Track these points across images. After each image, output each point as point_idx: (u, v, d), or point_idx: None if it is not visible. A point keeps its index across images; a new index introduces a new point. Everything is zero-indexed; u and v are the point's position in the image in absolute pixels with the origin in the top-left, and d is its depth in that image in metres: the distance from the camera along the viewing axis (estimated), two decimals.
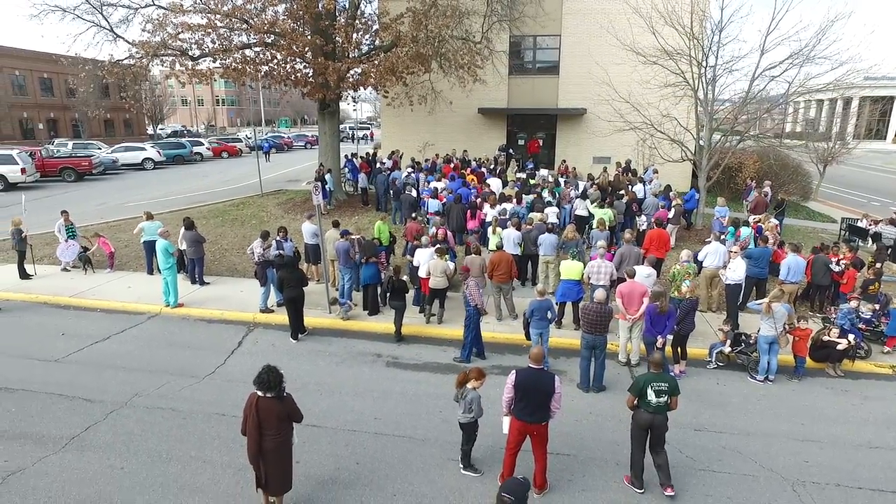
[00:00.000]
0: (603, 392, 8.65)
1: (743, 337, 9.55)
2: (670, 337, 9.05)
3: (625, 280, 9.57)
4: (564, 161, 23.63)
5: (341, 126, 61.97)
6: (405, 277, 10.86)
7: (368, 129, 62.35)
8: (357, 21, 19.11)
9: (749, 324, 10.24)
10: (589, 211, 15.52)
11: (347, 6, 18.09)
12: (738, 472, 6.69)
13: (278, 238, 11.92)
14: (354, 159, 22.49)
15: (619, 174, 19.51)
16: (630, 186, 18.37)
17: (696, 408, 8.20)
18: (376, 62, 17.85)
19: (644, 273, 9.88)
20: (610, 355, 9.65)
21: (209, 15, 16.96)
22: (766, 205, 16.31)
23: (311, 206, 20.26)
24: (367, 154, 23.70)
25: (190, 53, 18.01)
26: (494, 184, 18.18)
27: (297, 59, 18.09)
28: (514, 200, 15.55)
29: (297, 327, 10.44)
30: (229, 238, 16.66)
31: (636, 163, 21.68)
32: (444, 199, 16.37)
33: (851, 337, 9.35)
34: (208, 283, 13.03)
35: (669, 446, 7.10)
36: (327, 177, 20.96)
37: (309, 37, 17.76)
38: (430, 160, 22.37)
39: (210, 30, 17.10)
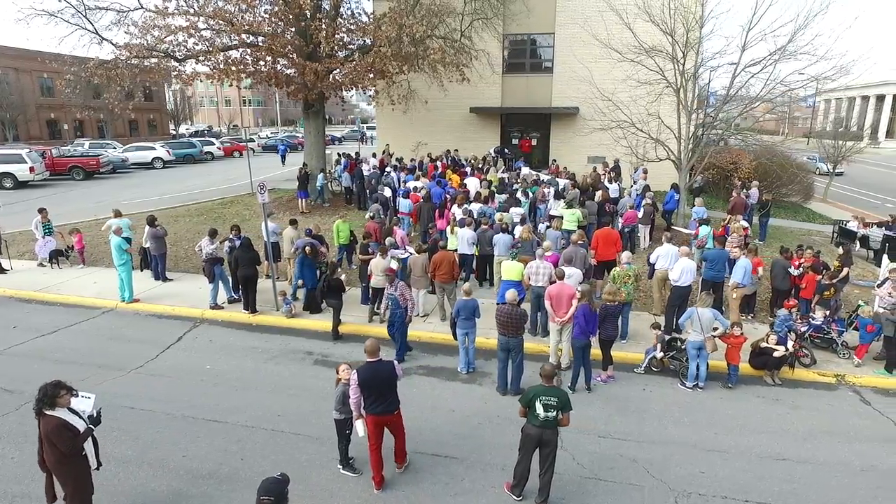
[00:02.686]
0: (521, 395, 8.49)
1: (678, 342, 9.27)
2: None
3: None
4: (555, 160, 23.34)
5: (359, 127, 62.68)
6: (343, 277, 10.89)
7: None
8: (338, 21, 19.26)
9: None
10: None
11: (329, 7, 18.21)
12: (624, 482, 6.49)
13: (231, 236, 12.14)
14: (345, 159, 22.59)
15: (597, 174, 19.18)
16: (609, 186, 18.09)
17: (610, 414, 8.00)
18: (353, 63, 17.96)
19: (566, 274, 9.67)
20: (543, 358, 9.60)
21: (191, 17, 17.32)
22: (744, 205, 15.76)
23: (295, 204, 20.70)
24: (357, 153, 23.84)
25: (176, 55, 18.45)
26: (472, 184, 18.08)
27: (279, 60, 18.34)
28: (486, 200, 15.41)
29: (253, 303, 11.29)
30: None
31: (629, 163, 21.21)
32: (420, 199, 16.36)
33: (790, 344, 8.98)
34: (171, 280, 13.33)
35: (564, 451, 7.02)
36: (320, 176, 21.24)
37: (289, 37, 18.03)
38: (419, 160, 22.39)
39: (193, 31, 17.46)
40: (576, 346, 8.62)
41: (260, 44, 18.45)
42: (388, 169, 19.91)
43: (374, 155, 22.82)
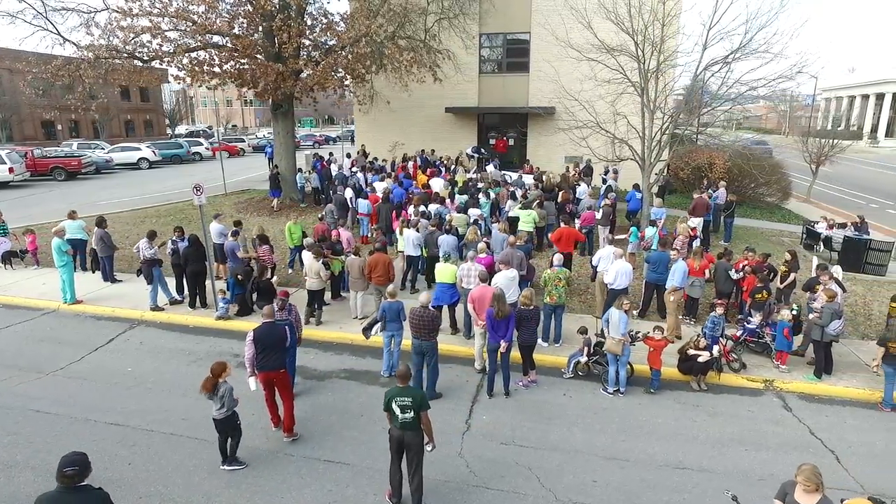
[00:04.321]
0: (437, 400, 8.38)
1: (602, 347, 9.10)
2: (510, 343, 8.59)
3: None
4: (528, 161, 23.18)
5: (349, 128, 62.64)
6: (274, 279, 10.81)
7: None
8: (307, 21, 19.22)
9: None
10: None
11: (292, 6, 18.10)
12: (511, 490, 6.35)
13: (174, 238, 12.11)
14: (317, 159, 22.59)
15: (565, 174, 19.01)
16: (576, 186, 17.93)
17: (521, 420, 7.86)
18: (317, 64, 17.91)
19: (510, 276, 9.56)
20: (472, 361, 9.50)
21: (154, 18, 17.30)
22: (706, 206, 15.50)
23: (266, 204, 20.68)
24: (330, 154, 23.79)
25: (143, 57, 18.44)
26: (436, 184, 17.98)
27: (242, 60, 18.30)
28: (441, 201, 15.31)
29: (203, 299, 11.65)
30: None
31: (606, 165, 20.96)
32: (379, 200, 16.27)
33: (716, 349, 8.79)
34: (121, 281, 13.32)
35: (461, 458, 6.94)
36: (298, 176, 21.23)
37: (254, 38, 18.00)
38: (391, 160, 22.34)
39: (156, 32, 17.45)
40: (490, 349, 8.49)
41: (226, 44, 18.44)
42: (354, 169, 19.85)
43: (348, 155, 22.77)
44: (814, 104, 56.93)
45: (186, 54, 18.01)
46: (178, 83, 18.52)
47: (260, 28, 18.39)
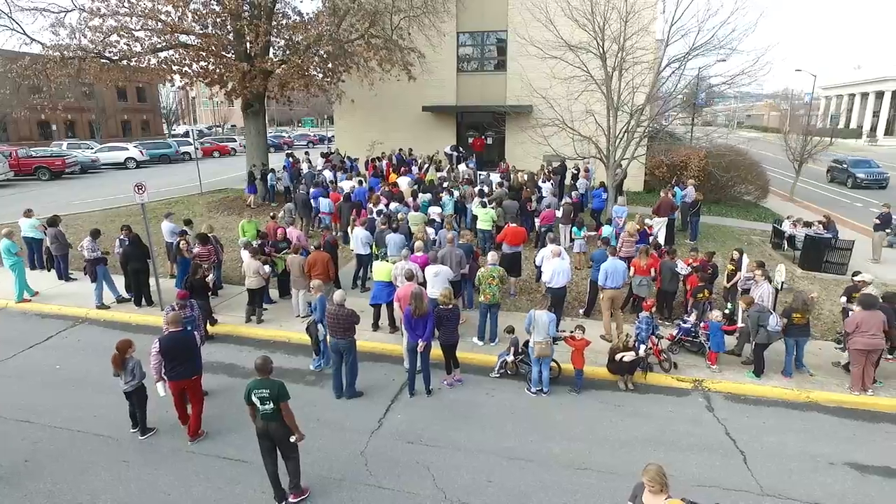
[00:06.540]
0: (357, 398, 8.33)
1: (528, 346, 8.99)
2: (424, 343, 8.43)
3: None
4: (504, 160, 23.08)
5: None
6: (210, 277, 10.78)
7: None
8: (269, 21, 19.24)
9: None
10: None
11: (260, 5, 18.11)
12: (403, 490, 6.28)
13: (121, 237, 12.15)
14: (289, 159, 22.60)
15: (532, 173, 18.92)
16: (541, 185, 17.82)
17: (433, 419, 7.78)
18: (284, 64, 17.93)
19: (432, 272, 9.49)
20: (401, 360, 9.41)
21: (121, 18, 17.37)
22: (671, 205, 15.33)
23: (237, 203, 20.67)
24: (307, 153, 23.80)
25: (112, 57, 18.52)
26: (402, 183, 17.92)
27: (210, 59, 18.33)
28: (400, 199, 15.26)
29: (146, 296, 11.67)
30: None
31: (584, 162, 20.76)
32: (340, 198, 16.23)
33: (643, 348, 8.67)
34: (75, 279, 13.35)
35: (360, 457, 6.90)
36: (270, 176, 21.26)
37: (228, 36, 18.04)
38: (366, 158, 22.31)
39: (124, 32, 17.52)
40: (409, 348, 8.41)
41: (195, 44, 18.48)
42: (318, 168, 19.83)
43: (322, 154, 22.78)
44: (812, 102, 56.40)
45: (155, 54, 18.07)
46: (149, 82, 18.55)
47: (228, 27, 18.42)
